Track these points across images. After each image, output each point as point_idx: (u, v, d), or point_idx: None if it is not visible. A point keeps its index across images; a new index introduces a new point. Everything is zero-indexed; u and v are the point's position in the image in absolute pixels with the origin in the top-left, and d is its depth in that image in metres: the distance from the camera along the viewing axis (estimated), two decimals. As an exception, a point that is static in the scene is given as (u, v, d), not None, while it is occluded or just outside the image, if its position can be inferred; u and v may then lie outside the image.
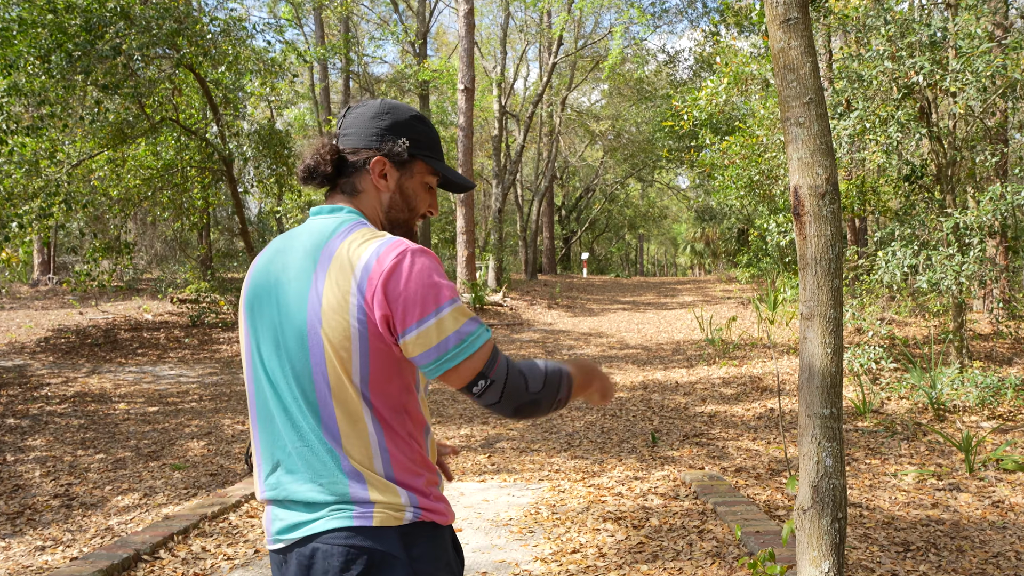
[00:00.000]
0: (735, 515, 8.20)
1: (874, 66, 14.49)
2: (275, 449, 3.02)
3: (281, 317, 2.97)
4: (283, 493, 2.98)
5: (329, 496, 2.88)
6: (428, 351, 2.80)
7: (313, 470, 2.91)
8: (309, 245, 3.01)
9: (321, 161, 3.16)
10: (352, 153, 3.18)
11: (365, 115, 3.23)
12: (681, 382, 17.18)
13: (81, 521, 9.02)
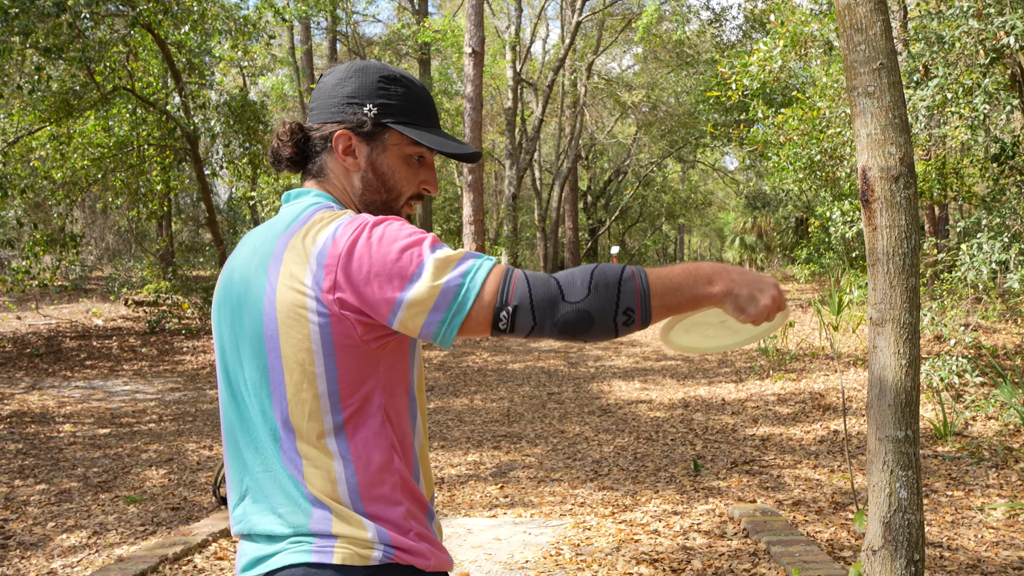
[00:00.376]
0: (792, 557, 8.20)
1: (957, 26, 14.45)
2: (243, 476, 2.97)
3: (243, 322, 2.91)
4: (247, 526, 2.94)
5: (288, 528, 2.82)
6: (430, 316, 2.68)
7: (275, 498, 2.86)
8: (269, 236, 2.95)
9: (280, 143, 3.12)
10: (317, 129, 3.12)
11: (328, 83, 3.16)
12: (728, 399, 17.18)
13: (19, 564, 9.01)
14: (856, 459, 12.08)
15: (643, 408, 16.79)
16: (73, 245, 24.95)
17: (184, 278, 29.40)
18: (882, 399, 4.60)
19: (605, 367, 21.74)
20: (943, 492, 10.65)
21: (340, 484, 2.81)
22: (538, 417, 16.26)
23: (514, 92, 42.39)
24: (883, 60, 4.64)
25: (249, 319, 2.85)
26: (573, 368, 21.73)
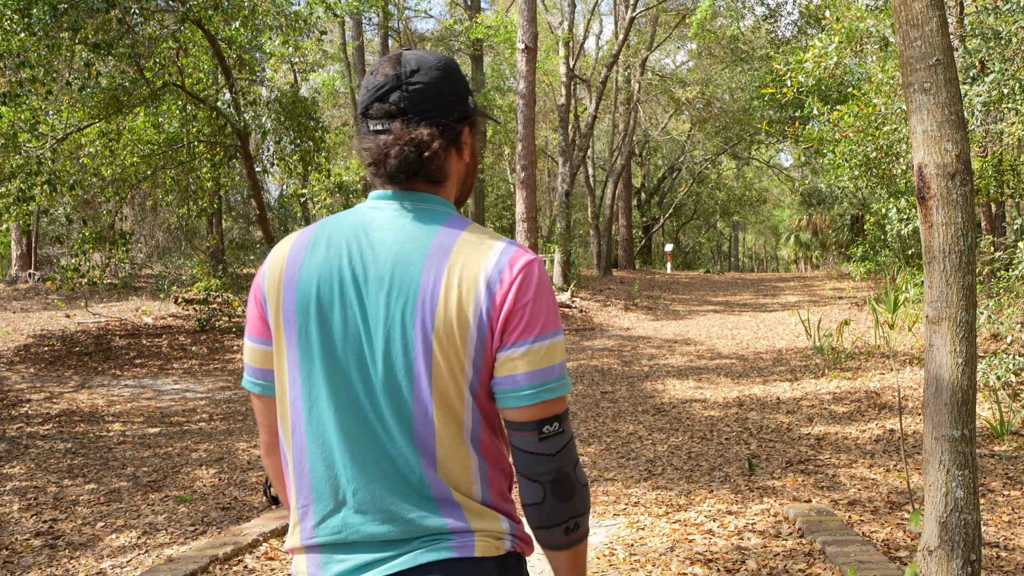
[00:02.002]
0: (848, 557, 8.18)
1: (1014, 21, 14.40)
2: (338, 485, 2.95)
3: (369, 322, 2.91)
4: (351, 535, 2.94)
5: (414, 529, 2.87)
6: (535, 372, 2.80)
7: (396, 501, 2.88)
8: (409, 239, 2.94)
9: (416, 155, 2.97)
10: (439, 133, 3.01)
11: (434, 82, 3.06)
12: (783, 398, 17.15)
13: (68, 564, 9.04)
14: (912, 458, 12.04)
15: (697, 407, 16.77)
16: (123, 242, 24.96)
17: (235, 276, 29.44)
18: (938, 398, 4.59)
19: (659, 366, 21.71)
20: (1000, 492, 10.61)
21: (475, 482, 2.94)
22: (591, 416, 16.25)
23: (567, 88, 42.32)
24: (939, 56, 4.63)
25: (391, 318, 2.87)
26: (627, 367, 21.70)
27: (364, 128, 3.07)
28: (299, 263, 3.01)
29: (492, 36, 38.95)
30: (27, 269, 38.18)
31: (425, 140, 2.95)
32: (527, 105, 31.09)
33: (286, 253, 3.04)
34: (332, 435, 2.94)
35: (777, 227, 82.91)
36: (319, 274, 2.96)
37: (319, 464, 2.98)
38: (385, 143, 2.98)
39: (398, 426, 2.87)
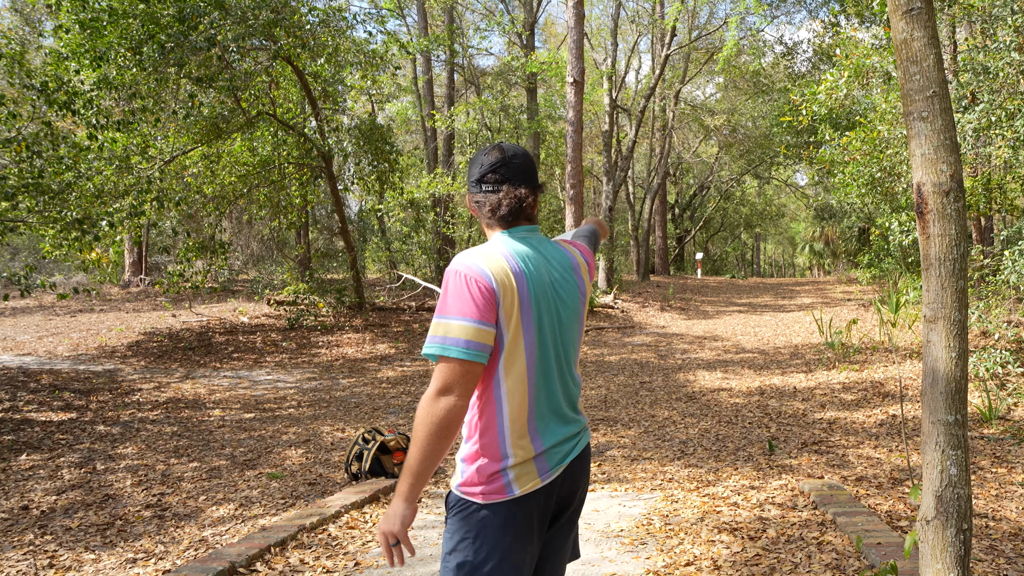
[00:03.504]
0: (855, 526, 8.15)
1: (1000, 58, 14.35)
2: (551, 403, 4.06)
3: (560, 306, 4.06)
4: (561, 436, 4.09)
5: (582, 422, 4.25)
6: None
7: (571, 412, 4.18)
8: (560, 257, 4.20)
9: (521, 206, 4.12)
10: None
11: (526, 162, 4.18)
12: (799, 387, 17.09)
13: (174, 532, 9.08)
14: (911, 440, 12.00)
15: (724, 395, 16.73)
16: (222, 251, 25.13)
17: (320, 281, 29.51)
18: (935, 387, 4.58)
19: (691, 359, 21.67)
20: (988, 469, 10.56)
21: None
22: (632, 403, 16.23)
23: (610, 117, 42.27)
24: (936, 88, 4.62)
25: (569, 304, 4.13)
26: (662, 360, 21.67)
27: (477, 188, 4.12)
28: (521, 271, 3.90)
29: (545, 71, 38.93)
30: (138, 275, 38.35)
31: (524, 195, 4.08)
32: (575, 132, 31.05)
33: (506, 265, 3.87)
34: (550, 370, 4.03)
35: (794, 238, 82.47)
36: (535, 279, 3.94)
37: (542, 390, 4.01)
38: (498, 198, 4.06)
39: (572, 367, 4.18)
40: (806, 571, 7.22)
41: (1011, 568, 7.19)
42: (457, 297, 3.74)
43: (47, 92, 16.11)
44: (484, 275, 3.78)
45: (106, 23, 18.85)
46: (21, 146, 15.70)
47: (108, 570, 7.90)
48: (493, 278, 3.77)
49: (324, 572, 7.64)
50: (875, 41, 20.76)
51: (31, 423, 14.50)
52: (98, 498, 10.43)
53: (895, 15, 4.75)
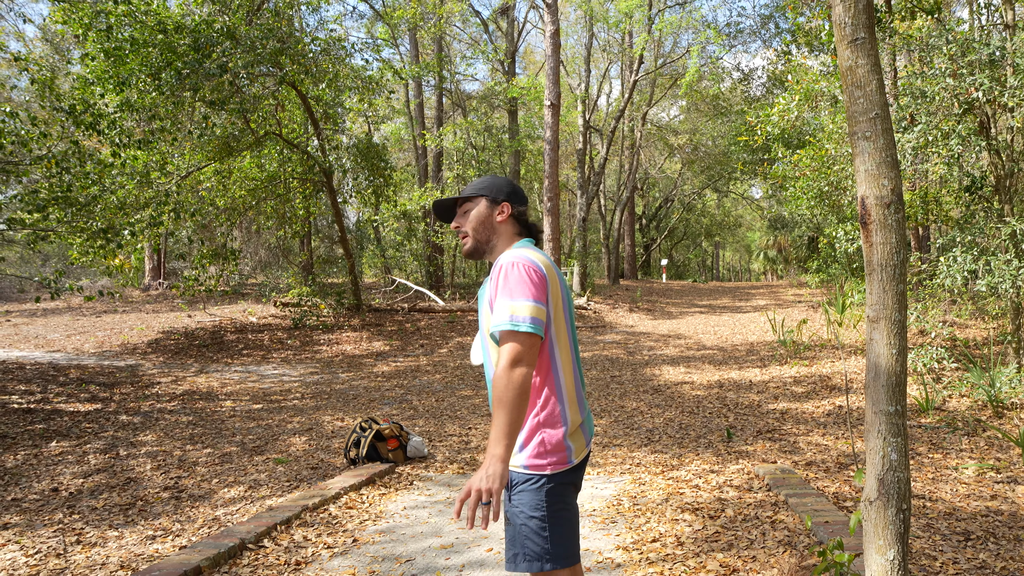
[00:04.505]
0: (805, 506, 8.17)
1: (936, 83, 14.39)
2: (581, 376, 4.30)
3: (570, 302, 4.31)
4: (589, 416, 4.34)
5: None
6: None
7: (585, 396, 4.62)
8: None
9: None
10: None
11: None
12: (755, 381, 17.11)
13: (189, 512, 9.09)
14: (856, 428, 12.02)
15: (686, 388, 16.74)
16: (232, 258, 25.13)
17: (321, 284, 29.67)
18: (877, 381, 4.58)
19: (657, 355, 21.68)
20: (925, 455, 10.58)
21: None
22: (603, 395, 16.24)
23: (584, 136, 42.32)
24: (878, 111, 4.63)
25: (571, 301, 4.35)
26: (631, 356, 21.68)
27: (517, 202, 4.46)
28: (552, 265, 4.21)
29: (524, 95, 38.92)
30: (157, 279, 38.38)
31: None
32: (552, 150, 31.09)
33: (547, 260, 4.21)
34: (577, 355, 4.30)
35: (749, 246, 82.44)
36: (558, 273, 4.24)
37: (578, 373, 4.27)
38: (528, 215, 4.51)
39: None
40: (761, 547, 7.24)
41: (946, 544, 7.21)
42: (519, 283, 3.96)
43: (75, 114, 16.21)
44: (537, 264, 4.06)
45: (128, 52, 18.97)
46: (51, 163, 15.89)
47: (130, 546, 7.91)
48: (543, 267, 4.08)
49: (325, 548, 7.65)
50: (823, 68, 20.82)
51: (60, 413, 14.49)
52: (121, 481, 10.46)
53: (841, 44, 4.76)
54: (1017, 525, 7.75)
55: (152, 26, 19.17)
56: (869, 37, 4.72)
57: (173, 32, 19.34)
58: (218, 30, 19.86)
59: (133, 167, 19.85)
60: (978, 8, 17.74)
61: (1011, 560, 6.83)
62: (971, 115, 14.66)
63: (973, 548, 7.14)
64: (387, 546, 7.73)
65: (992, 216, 15.10)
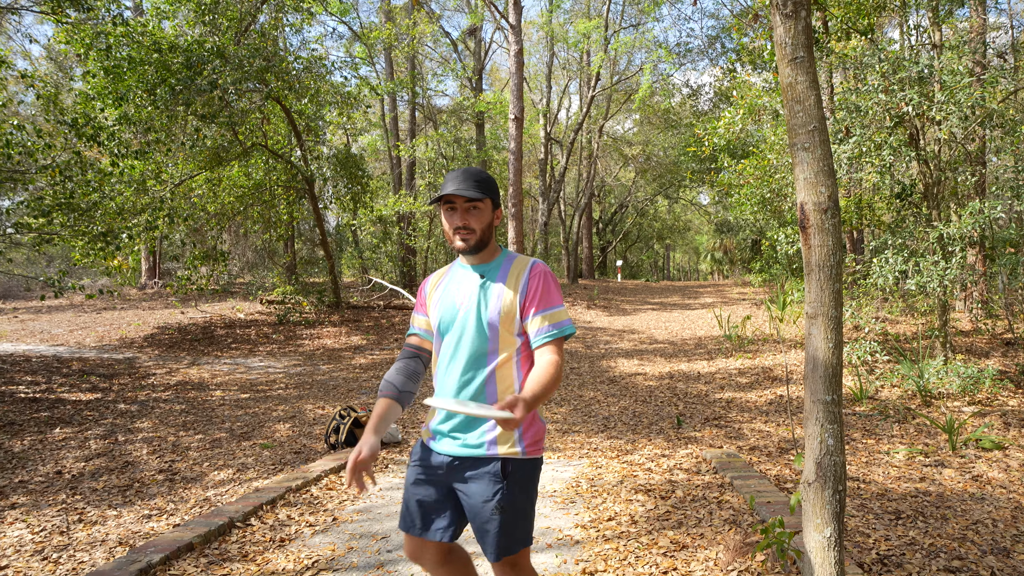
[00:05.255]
0: (749, 488, 8.20)
1: (870, 98, 14.45)
2: None
3: None
4: None
5: None
6: None
7: None
8: None
9: None
10: None
11: None
12: (702, 372, 17.15)
13: (182, 493, 9.08)
14: (795, 416, 12.05)
15: (640, 379, 16.76)
16: (222, 259, 25.17)
17: (304, 284, 29.74)
18: (815, 372, 4.59)
19: (612, 349, 21.69)
20: (860, 440, 10.62)
21: None
22: (563, 385, 16.23)
23: (545, 147, 42.37)
24: (816, 124, 4.64)
25: None
26: (589, 350, 21.69)
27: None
28: None
29: (490, 109, 38.99)
30: (153, 278, 38.32)
31: None
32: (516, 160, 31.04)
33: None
34: None
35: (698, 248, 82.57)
36: None
37: None
38: None
39: None
40: (708, 525, 7.25)
41: (878, 522, 7.24)
42: (558, 290, 4.06)
43: (77, 127, 16.35)
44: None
45: (126, 69, 19.07)
46: (55, 172, 16.12)
47: (128, 524, 7.92)
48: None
49: (307, 526, 7.65)
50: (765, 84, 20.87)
51: (63, 402, 14.44)
52: (119, 464, 10.44)
53: (782, 63, 4.77)
54: (944, 505, 7.79)
55: (148, 46, 19.27)
56: (808, 56, 4.73)
57: (167, 51, 19.45)
58: (209, 49, 19.95)
59: (131, 176, 20.01)
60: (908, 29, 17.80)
61: (938, 537, 6.86)
62: (902, 128, 14.73)
63: (903, 526, 7.17)
64: (364, 524, 7.74)
65: (921, 221, 15.17)
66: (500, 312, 4.01)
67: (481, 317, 4.04)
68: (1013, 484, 8.55)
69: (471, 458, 4.01)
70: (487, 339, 4.03)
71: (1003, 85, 16.16)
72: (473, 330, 4.05)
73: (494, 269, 4.13)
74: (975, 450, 9.94)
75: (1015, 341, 17.11)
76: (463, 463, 4.03)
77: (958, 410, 12.24)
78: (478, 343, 4.04)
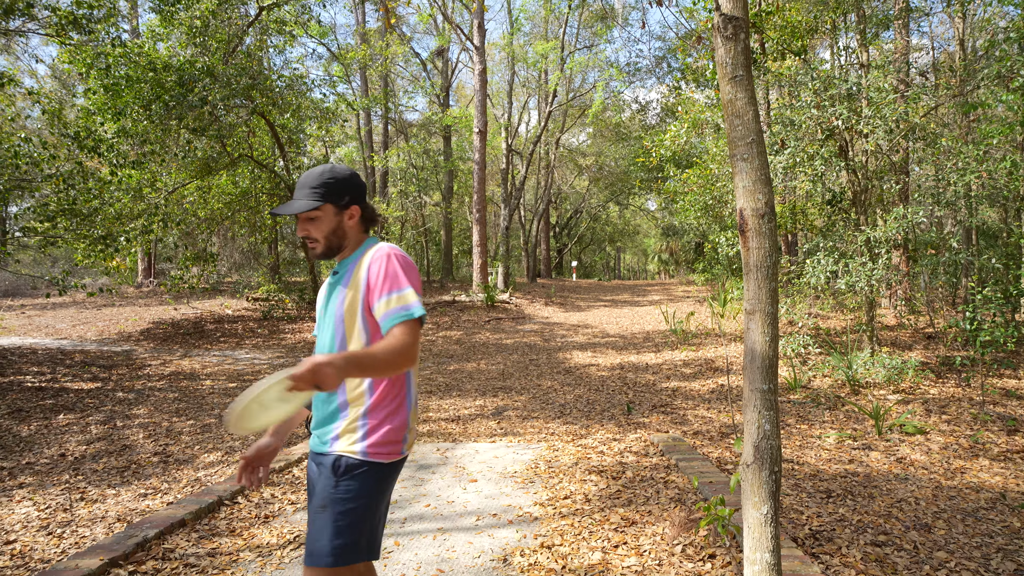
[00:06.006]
0: (693, 469, 8.22)
1: (803, 113, 14.52)
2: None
3: None
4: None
5: None
6: None
7: None
8: None
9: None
10: None
11: None
12: (650, 363, 17.18)
13: (175, 473, 9.06)
14: (735, 404, 12.10)
15: (593, 369, 16.78)
16: (211, 260, 25.16)
17: (286, 282, 29.74)
18: (753, 363, 4.60)
19: (568, 342, 21.71)
20: (794, 426, 10.68)
21: None
22: (523, 375, 16.24)
23: (507, 158, 42.31)
24: (754, 137, 4.65)
25: None
26: (546, 343, 21.69)
27: (366, 202, 3.88)
28: None
29: (457, 123, 38.94)
30: (148, 278, 38.20)
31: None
32: (480, 169, 31.12)
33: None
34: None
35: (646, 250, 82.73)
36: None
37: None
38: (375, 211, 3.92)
39: None
40: (656, 503, 7.26)
41: (811, 500, 7.28)
42: (409, 272, 3.58)
43: (79, 139, 16.47)
44: (404, 255, 3.68)
45: (124, 87, 19.16)
46: (59, 180, 16.32)
47: (126, 502, 7.94)
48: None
49: (289, 503, 7.65)
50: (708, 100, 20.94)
51: (67, 390, 14.37)
52: (118, 448, 10.45)
53: (723, 81, 4.77)
54: (871, 485, 7.85)
55: (144, 65, 19.36)
56: (747, 75, 4.74)
57: (162, 70, 19.54)
58: (199, 69, 20.04)
59: (128, 184, 20.14)
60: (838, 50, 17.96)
61: (865, 514, 6.90)
62: (832, 140, 14.81)
63: (833, 504, 7.21)
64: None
65: (850, 225, 15.26)
66: (344, 307, 3.65)
67: (331, 315, 3.71)
68: (934, 465, 8.63)
69: (321, 453, 3.69)
70: (335, 336, 3.66)
71: (924, 101, 16.33)
72: (327, 330, 3.71)
73: (346, 265, 3.78)
74: (899, 434, 10.02)
75: (935, 335, 17.25)
76: (317, 459, 3.70)
77: (884, 398, 12.33)
78: (328, 342, 3.69)
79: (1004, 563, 5.92)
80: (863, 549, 6.10)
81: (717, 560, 5.92)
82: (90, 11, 17.14)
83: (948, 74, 16.83)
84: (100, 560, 5.98)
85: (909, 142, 15.29)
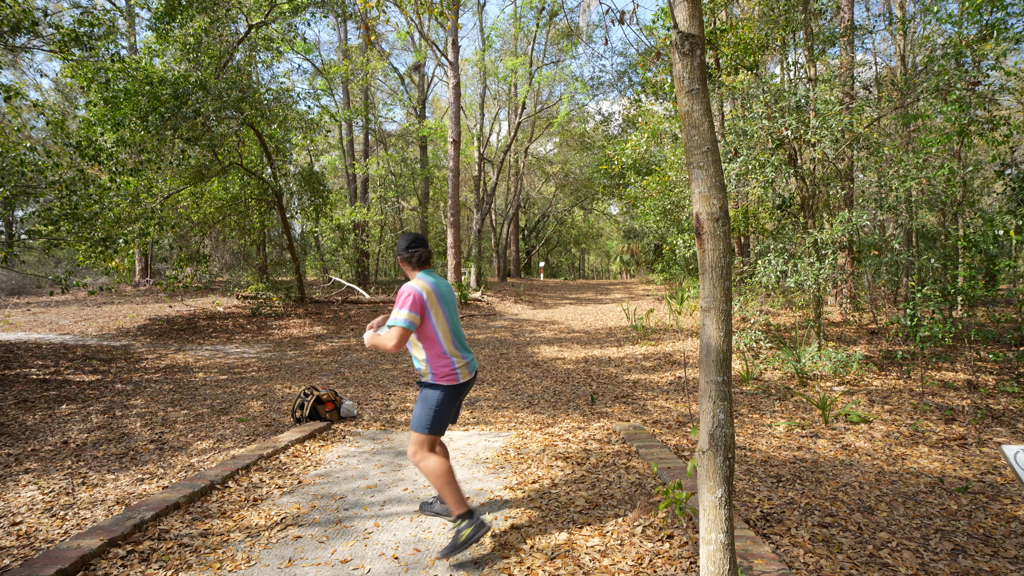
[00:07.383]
0: (652, 455, 8.23)
1: (755, 124, 14.55)
2: (461, 342, 6.31)
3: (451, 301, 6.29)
4: (470, 356, 6.33)
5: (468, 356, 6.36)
6: None
7: (465, 349, 6.34)
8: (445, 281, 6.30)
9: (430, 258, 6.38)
10: None
11: (424, 238, 6.34)
12: (613, 357, 17.18)
13: (170, 460, 9.04)
14: (691, 395, 12.11)
15: (560, 363, 16.77)
16: (204, 261, 25.09)
17: (273, 282, 29.74)
18: (708, 357, 4.60)
19: (536, 337, 21.70)
20: (747, 415, 10.70)
21: None
22: (494, 368, 16.22)
23: (479, 166, 42.26)
24: (709, 146, 4.65)
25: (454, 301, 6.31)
26: (516, 338, 21.68)
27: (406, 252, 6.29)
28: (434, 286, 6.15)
29: (432, 134, 38.92)
30: (145, 277, 38.01)
31: (427, 254, 6.33)
32: (454, 177, 31.05)
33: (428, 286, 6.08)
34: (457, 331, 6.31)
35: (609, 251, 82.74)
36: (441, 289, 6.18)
37: (458, 342, 6.31)
38: (420, 254, 6.27)
39: (461, 330, 6.35)
40: (618, 487, 7.28)
41: (762, 485, 7.30)
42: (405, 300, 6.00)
43: (80, 148, 16.54)
44: (417, 292, 6.03)
45: (122, 100, 19.12)
46: (62, 186, 16.49)
47: (124, 487, 7.95)
48: (423, 292, 6.04)
49: (277, 488, 7.66)
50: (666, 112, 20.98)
51: (69, 382, 14.30)
52: (117, 436, 10.40)
53: (680, 94, 4.77)
54: (818, 470, 7.89)
55: (141, 79, 19.32)
56: (702, 88, 4.74)
57: (158, 84, 19.49)
58: (193, 83, 19.98)
59: (126, 190, 20.14)
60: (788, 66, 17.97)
61: (813, 497, 6.93)
62: (782, 149, 14.84)
63: (783, 488, 7.24)
64: (325, 487, 7.76)
65: (799, 228, 15.30)
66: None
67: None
68: (877, 452, 8.67)
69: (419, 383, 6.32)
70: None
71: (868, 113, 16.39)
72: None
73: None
74: (844, 423, 10.07)
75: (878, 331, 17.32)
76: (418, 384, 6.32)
77: (830, 389, 12.37)
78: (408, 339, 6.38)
79: (942, 543, 5.97)
80: (811, 530, 6.13)
81: (675, 540, 5.94)
82: (91, 29, 17.15)
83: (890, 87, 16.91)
84: (100, 540, 6.07)
85: (854, 151, 15.34)
